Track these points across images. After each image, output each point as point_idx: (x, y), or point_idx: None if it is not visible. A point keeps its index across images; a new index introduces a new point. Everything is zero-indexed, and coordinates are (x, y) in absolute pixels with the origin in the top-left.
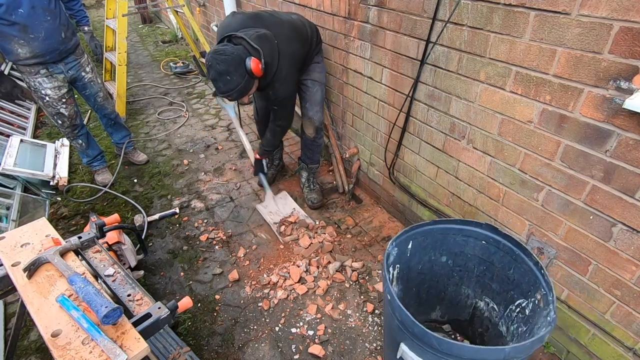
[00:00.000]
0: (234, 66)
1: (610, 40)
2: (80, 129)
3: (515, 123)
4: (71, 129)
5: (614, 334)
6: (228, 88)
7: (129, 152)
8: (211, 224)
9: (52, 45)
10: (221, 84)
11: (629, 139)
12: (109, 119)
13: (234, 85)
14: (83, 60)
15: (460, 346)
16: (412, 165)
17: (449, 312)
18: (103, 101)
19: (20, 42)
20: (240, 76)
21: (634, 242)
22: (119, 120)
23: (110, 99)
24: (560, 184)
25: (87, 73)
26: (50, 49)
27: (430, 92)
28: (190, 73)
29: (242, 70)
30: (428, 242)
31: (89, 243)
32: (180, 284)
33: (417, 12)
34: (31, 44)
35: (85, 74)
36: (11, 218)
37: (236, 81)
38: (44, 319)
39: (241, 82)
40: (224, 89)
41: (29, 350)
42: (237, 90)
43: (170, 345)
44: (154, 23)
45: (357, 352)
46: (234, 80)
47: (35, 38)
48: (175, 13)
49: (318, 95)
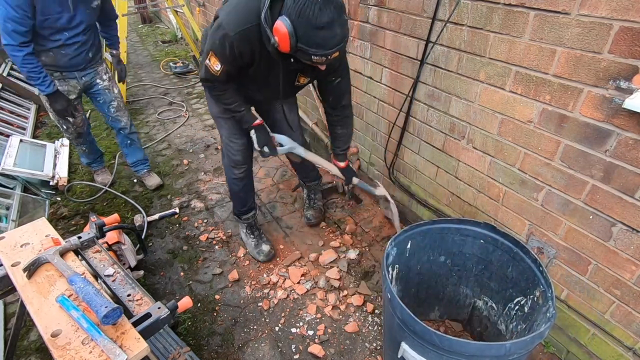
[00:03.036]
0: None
1: (610, 40)
2: (85, 137)
3: (515, 123)
4: (75, 136)
5: (614, 334)
6: (344, 33)
7: (142, 175)
8: (211, 224)
9: (76, 62)
10: (338, 28)
11: (629, 139)
12: (125, 136)
13: (347, 27)
14: (100, 69)
15: (462, 343)
16: (412, 165)
17: (447, 312)
18: (117, 111)
19: (50, 54)
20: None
21: (634, 242)
22: (135, 139)
23: (126, 112)
24: (560, 184)
25: (103, 81)
26: (73, 64)
27: (430, 92)
28: (190, 73)
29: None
30: (427, 242)
31: (89, 243)
32: (180, 284)
33: (417, 11)
34: (58, 58)
35: (100, 81)
36: (11, 218)
37: (347, 22)
38: (43, 319)
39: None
40: (341, 35)
41: (29, 350)
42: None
43: (170, 345)
44: (153, 23)
45: (357, 352)
46: (347, 20)
47: (64, 55)
48: (175, 13)
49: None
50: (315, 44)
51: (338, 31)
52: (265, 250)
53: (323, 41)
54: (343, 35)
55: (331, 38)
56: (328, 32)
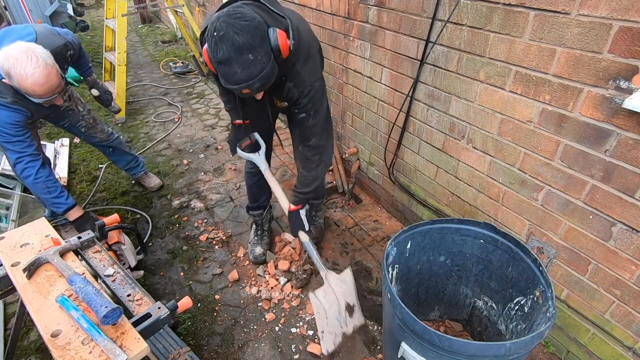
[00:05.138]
0: (259, 38)
1: (609, 39)
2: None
3: (515, 123)
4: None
5: (614, 334)
6: (249, 74)
7: (140, 177)
8: (211, 224)
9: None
10: (237, 67)
11: (629, 139)
12: (104, 147)
13: (258, 69)
14: None
15: (462, 343)
16: (412, 165)
17: (447, 312)
18: (88, 130)
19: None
20: (266, 55)
21: (634, 242)
22: (117, 146)
23: (98, 125)
24: (560, 184)
25: (64, 102)
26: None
27: (429, 92)
28: (189, 73)
29: (267, 47)
30: (427, 242)
31: (89, 243)
32: (180, 284)
33: (417, 11)
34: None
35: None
36: (11, 218)
37: (261, 62)
38: (43, 319)
39: (267, 65)
40: (243, 75)
41: (29, 350)
42: (261, 78)
43: (170, 345)
44: (153, 23)
45: (357, 352)
46: (258, 60)
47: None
48: (175, 13)
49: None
50: (220, 75)
51: (238, 70)
52: (256, 253)
53: (224, 75)
54: (248, 75)
55: (231, 75)
56: (226, 69)
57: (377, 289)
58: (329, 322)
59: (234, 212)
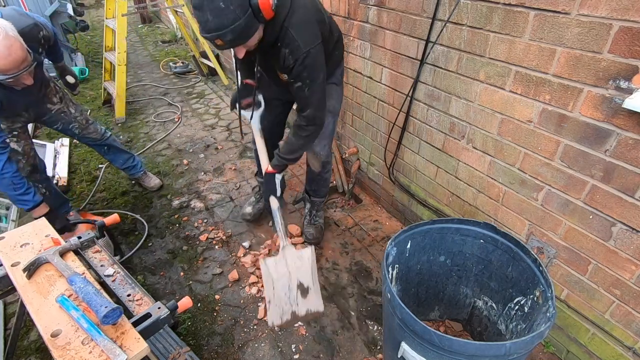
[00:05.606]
0: None
1: (609, 39)
2: (41, 174)
3: (515, 123)
4: (30, 170)
5: (614, 334)
6: (220, 23)
7: (139, 177)
8: (211, 224)
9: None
10: (209, 14)
11: (629, 139)
12: (99, 145)
13: (230, 19)
14: (48, 90)
15: (462, 343)
16: (412, 165)
17: (447, 312)
18: (82, 131)
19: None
20: (240, 7)
21: (634, 242)
22: (112, 143)
23: (90, 125)
24: (560, 184)
25: (55, 104)
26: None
27: (429, 92)
28: (190, 73)
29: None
30: (427, 242)
31: (89, 243)
32: (180, 284)
33: (417, 11)
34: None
35: (51, 105)
36: (11, 218)
37: (233, 13)
38: (43, 319)
39: (240, 18)
40: (213, 23)
41: (29, 350)
42: (233, 30)
43: (170, 345)
44: (153, 23)
45: (357, 352)
46: (230, 10)
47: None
48: (175, 13)
49: (329, 127)
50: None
51: (209, 17)
52: (245, 211)
53: (199, 23)
54: (219, 23)
55: (204, 22)
56: (200, 14)
57: (377, 289)
58: (275, 294)
59: (234, 212)
